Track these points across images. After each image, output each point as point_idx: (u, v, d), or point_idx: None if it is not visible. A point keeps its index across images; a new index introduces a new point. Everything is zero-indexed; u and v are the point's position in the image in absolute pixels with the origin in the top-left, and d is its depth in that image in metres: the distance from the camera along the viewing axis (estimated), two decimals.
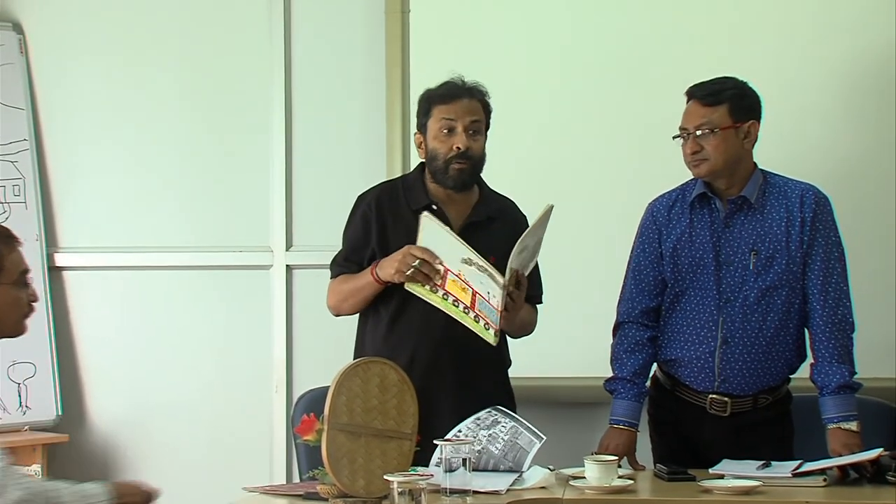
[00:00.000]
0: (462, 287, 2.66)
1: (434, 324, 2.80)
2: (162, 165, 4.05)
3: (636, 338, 2.97)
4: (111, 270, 4.05)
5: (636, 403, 2.92)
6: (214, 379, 4.03)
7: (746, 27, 3.55)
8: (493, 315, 2.65)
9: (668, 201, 2.99)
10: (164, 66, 4.01)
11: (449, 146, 2.80)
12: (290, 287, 3.99)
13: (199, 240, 4.04)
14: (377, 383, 2.51)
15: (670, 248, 2.93)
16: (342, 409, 2.43)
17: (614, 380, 2.97)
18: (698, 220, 2.92)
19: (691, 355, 2.90)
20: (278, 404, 3.97)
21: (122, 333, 4.05)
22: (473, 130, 2.81)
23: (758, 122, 2.89)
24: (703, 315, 2.89)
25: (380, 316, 2.89)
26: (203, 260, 4.03)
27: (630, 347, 2.96)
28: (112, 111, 4.03)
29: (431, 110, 2.82)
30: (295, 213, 3.99)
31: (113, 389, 4.04)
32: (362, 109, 3.88)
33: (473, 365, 2.84)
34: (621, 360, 2.97)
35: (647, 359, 2.97)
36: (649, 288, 2.98)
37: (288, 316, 3.98)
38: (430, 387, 2.72)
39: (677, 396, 2.96)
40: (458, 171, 2.80)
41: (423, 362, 2.81)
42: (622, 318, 3.01)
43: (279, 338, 3.98)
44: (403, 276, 2.70)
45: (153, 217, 4.06)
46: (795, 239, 2.86)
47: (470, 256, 2.64)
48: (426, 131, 2.85)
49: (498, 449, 2.61)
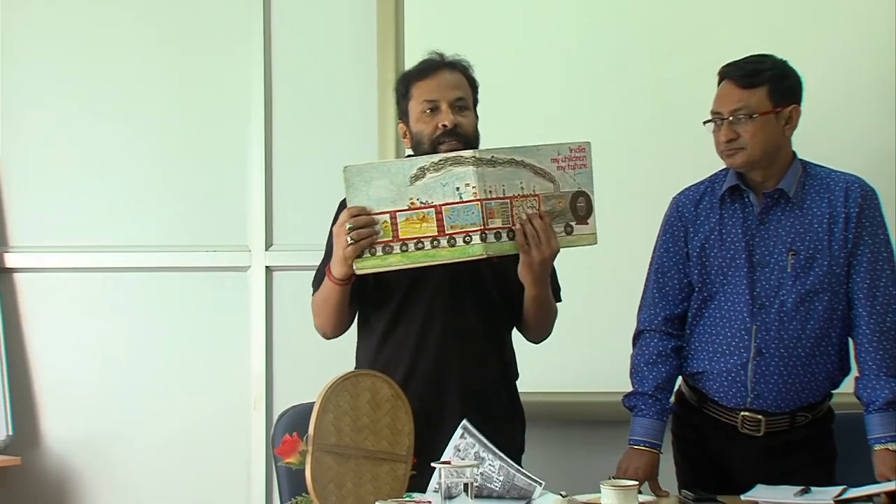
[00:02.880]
0: (421, 217, 2.60)
1: (433, 334, 2.80)
2: (126, 156, 4.05)
3: (658, 348, 2.95)
4: (68, 272, 4.04)
5: (658, 422, 2.91)
6: (184, 395, 4.01)
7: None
8: (471, 213, 2.59)
9: (695, 195, 2.97)
10: (129, 49, 4.03)
11: (433, 125, 2.78)
12: (270, 291, 3.98)
13: (168, 238, 4.03)
14: (368, 399, 2.50)
15: (698, 247, 2.92)
16: (329, 427, 2.43)
17: (634, 395, 2.96)
18: (729, 216, 2.91)
19: (721, 368, 2.89)
20: (257, 422, 3.96)
21: (81, 344, 4.04)
22: (459, 107, 2.79)
23: (799, 105, 2.87)
24: (734, 323, 2.88)
25: (371, 328, 2.87)
26: (172, 260, 4.01)
27: (652, 359, 2.95)
28: (71, 102, 4.04)
29: (410, 91, 2.81)
30: (275, 208, 3.98)
31: (70, 407, 4.02)
32: (351, 96, 3.89)
33: (478, 378, 2.82)
34: (642, 374, 2.95)
35: (671, 371, 2.96)
36: (673, 292, 2.97)
37: (268, 323, 3.97)
38: (428, 403, 2.72)
39: (705, 414, 2.95)
40: (448, 151, 2.73)
41: (421, 376, 2.79)
42: (643, 326, 3.00)
43: (258, 348, 3.98)
44: (350, 253, 2.62)
45: (116, 213, 4.05)
46: (839, 237, 2.85)
47: (417, 167, 2.60)
48: (408, 117, 2.84)
49: (497, 486, 2.59)
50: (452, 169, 2.60)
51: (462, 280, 2.78)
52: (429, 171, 2.61)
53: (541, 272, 2.70)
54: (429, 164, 2.60)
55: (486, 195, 2.60)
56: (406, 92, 2.82)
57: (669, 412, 2.95)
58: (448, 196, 2.60)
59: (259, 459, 3.94)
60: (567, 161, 2.67)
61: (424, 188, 2.60)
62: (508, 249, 2.64)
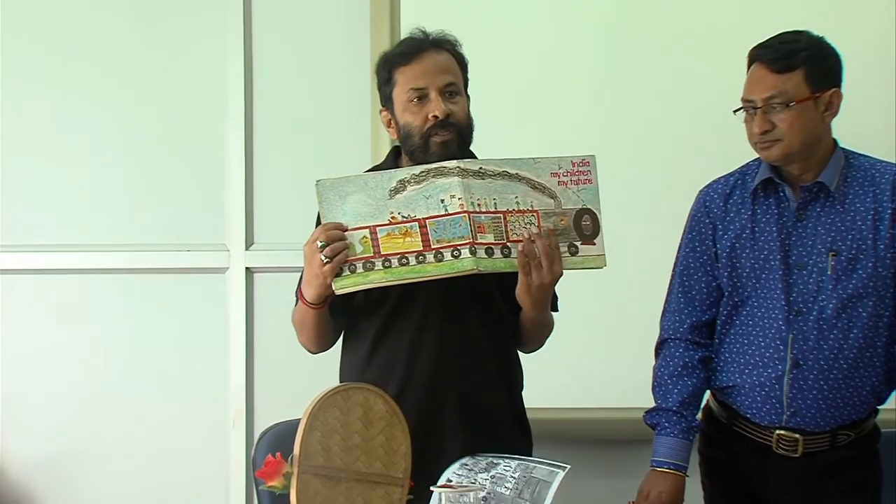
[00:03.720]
0: (403, 231, 2.59)
1: (428, 341, 2.76)
2: (93, 150, 4.06)
3: (684, 359, 2.91)
4: (27, 274, 4.07)
5: (684, 441, 2.87)
6: (155, 411, 4.02)
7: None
8: (459, 225, 2.58)
9: (724, 188, 2.93)
10: (101, 31, 4.06)
11: (423, 116, 2.74)
12: (251, 294, 3.99)
13: (138, 237, 4.04)
14: (360, 415, 2.49)
15: (727, 247, 2.88)
16: (316, 447, 2.43)
17: (657, 411, 2.92)
18: (763, 213, 2.87)
19: (753, 381, 2.85)
20: (236, 442, 3.97)
21: (41, 354, 4.05)
22: (450, 92, 2.75)
23: (840, 88, 2.81)
24: (767, 331, 2.83)
25: (359, 336, 2.83)
26: (142, 261, 4.02)
27: (676, 371, 2.91)
28: (38, 97, 4.07)
29: (393, 76, 2.77)
30: (256, 203, 3.99)
31: (29, 424, 4.03)
32: (341, 83, 3.92)
33: (481, 391, 2.79)
34: (665, 387, 2.92)
35: (698, 385, 2.92)
36: (700, 297, 2.93)
37: (248, 331, 3.98)
38: (425, 419, 2.69)
39: (736, 432, 2.91)
40: (441, 144, 2.72)
41: (417, 389, 2.75)
42: (667, 334, 2.95)
43: (237, 358, 3.98)
44: (329, 272, 2.60)
45: (81, 211, 4.06)
46: (885, 235, 2.80)
47: (397, 179, 2.59)
48: (392, 105, 2.79)
49: (509, 489, 2.56)
50: (435, 180, 2.59)
51: (460, 282, 2.72)
52: (410, 183, 2.59)
53: (540, 297, 2.67)
54: (409, 176, 2.59)
55: (474, 207, 2.58)
56: (389, 78, 2.78)
57: (696, 430, 2.92)
58: (432, 209, 2.59)
59: (238, 484, 3.96)
60: (569, 176, 2.64)
61: (406, 201, 2.59)
62: (503, 267, 2.61)
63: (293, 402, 2.68)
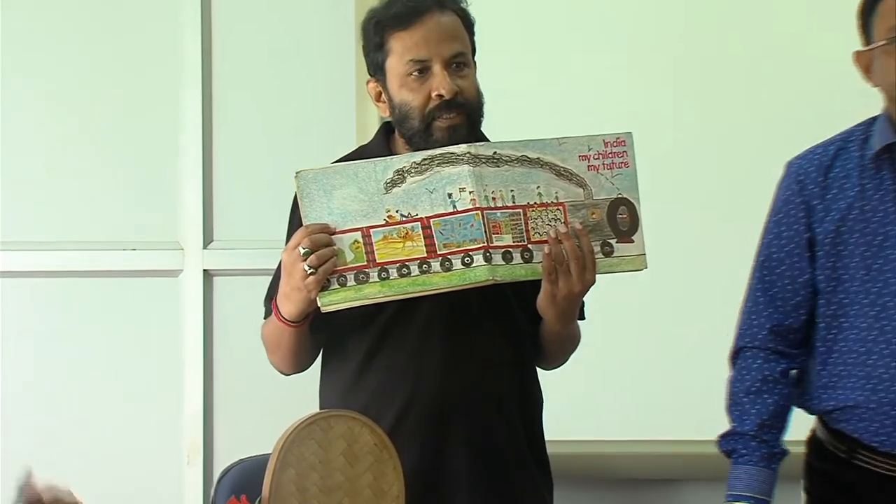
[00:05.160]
0: (403, 234, 2.49)
1: (431, 361, 2.64)
2: (25, 134, 3.91)
3: (763, 372, 2.73)
4: None
5: (766, 470, 2.71)
6: (94, 444, 3.86)
7: None
8: (470, 226, 2.49)
9: (822, 160, 2.73)
10: (37, 9, 3.92)
11: (425, 95, 2.62)
12: (210, 302, 3.88)
13: (74, 234, 3.89)
14: (343, 450, 2.36)
15: (830, 231, 2.70)
16: (290, 488, 2.30)
17: (732, 436, 2.74)
18: (874, 188, 2.67)
19: (881, 399, 2.65)
20: (191, 482, 3.86)
21: None
22: (457, 64, 2.63)
23: None
24: (892, 335, 2.65)
25: (346, 352, 2.71)
26: (79, 263, 3.89)
27: (754, 387, 2.73)
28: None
29: (387, 43, 2.65)
30: (216, 194, 3.88)
31: None
32: (317, 51, 3.83)
33: (492, 421, 2.65)
34: (741, 407, 2.74)
35: (780, 402, 2.75)
36: (785, 295, 2.74)
37: (206, 347, 3.86)
38: (425, 456, 2.57)
39: (855, 466, 2.71)
40: (447, 128, 2.61)
41: (417, 419, 2.63)
42: (743, 341, 2.77)
43: (192, 380, 3.86)
44: (313, 285, 2.49)
45: (9, 204, 3.90)
46: None
47: (394, 169, 2.49)
48: (385, 76, 2.66)
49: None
50: (441, 170, 2.49)
51: (469, 291, 2.62)
52: (410, 173, 2.49)
53: (567, 308, 2.56)
54: (409, 164, 2.49)
55: (488, 202, 2.49)
56: (381, 44, 2.65)
57: (780, 457, 2.74)
58: (438, 205, 2.49)
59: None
60: (601, 158, 2.52)
61: (405, 196, 2.49)
62: (524, 275, 2.50)
63: (261, 434, 2.59)
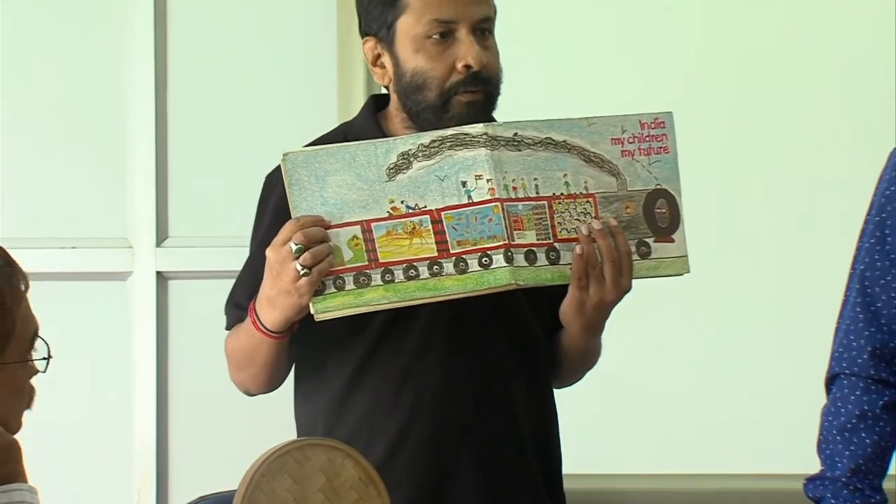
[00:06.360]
0: (410, 229, 2.36)
1: (431, 378, 2.47)
2: None
3: (861, 405, 2.52)
4: None
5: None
6: (30, 478, 3.70)
7: None
8: (488, 220, 2.36)
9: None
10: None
11: (448, 64, 2.45)
12: (164, 308, 3.76)
13: (6, 229, 3.74)
14: (322, 485, 2.26)
15: None
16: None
17: (821, 480, 2.52)
18: None
19: None
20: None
21: None
22: (482, 30, 2.49)
23: None
24: None
25: (329, 368, 2.54)
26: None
27: (850, 423, 2.52)
28: None
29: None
30: (171, 185, 3.78)
31: None
32: (291, 9, 3.71)
33: (502, 451, 2.49)
34: (833, 446, 2.54)
35: (881, 443, 2.52)
36: (891, 312, 2.56)
37: (160, 361, 3.73)
38: (423, 492, 2.44)
39: None
40: (467, 104, 2.44)
41: (413, 448, 2.47)
42: (838, 367, 2.57)
43: (144, 400, 3.73)
44: (306, 288, 2.34)
45: None
46: None
47: (398, 152, 2.35)
48: (393, 37, 2.50)
49: None
50: (454, 153, 2.36)
51: (475, 298, 2.50)
52: (416, 157, 2.36)
53: (596, 318, 2.44)
54: (415, 147, 2.36)
55: (508, 193, 2.35)
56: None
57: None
58: (450, 196, 2.35)
59: None
60: (637, 142, 2.39)
61: (412, 185, 2.36)
62: (549, 280, 2.37)
63: (224, 465, 2.64)
